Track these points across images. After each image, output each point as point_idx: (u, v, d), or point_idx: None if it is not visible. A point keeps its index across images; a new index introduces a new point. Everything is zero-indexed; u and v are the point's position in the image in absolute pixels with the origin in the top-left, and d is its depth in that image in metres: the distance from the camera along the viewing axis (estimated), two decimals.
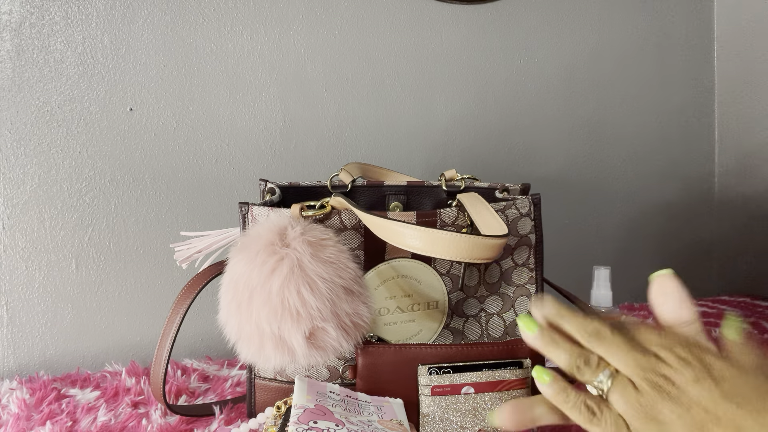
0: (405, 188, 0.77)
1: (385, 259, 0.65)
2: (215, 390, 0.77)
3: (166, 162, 0.96)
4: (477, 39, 1.15)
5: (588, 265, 1.21)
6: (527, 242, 0.69)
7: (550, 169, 1.22)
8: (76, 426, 0.65)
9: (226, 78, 0.99)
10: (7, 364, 0.89)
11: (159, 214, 0.96)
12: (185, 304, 0.65)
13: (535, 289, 0.70)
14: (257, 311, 0.54)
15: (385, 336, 0.65)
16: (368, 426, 0.51)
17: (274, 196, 0.70)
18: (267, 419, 0.58)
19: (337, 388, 0.58)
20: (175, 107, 0.96)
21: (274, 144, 1.02)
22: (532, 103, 1.20)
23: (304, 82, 1.04)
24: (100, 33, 0.92)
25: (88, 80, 0.91)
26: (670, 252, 1.35)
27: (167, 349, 0.65)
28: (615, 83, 1.28)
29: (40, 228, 0.90)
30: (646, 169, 1.32)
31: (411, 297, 0.66)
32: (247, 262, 0.56)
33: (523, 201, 0.69)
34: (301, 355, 0.55)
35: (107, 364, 0.88)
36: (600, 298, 0.84)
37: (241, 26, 0.99)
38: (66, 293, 0.91)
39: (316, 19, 1.04)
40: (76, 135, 0.91)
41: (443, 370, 0.59)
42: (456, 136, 1.14)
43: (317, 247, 0.56)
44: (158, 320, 0.96)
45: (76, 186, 0.91)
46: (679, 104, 1.34)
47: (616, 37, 1.27)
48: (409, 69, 1.11)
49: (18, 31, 0.88)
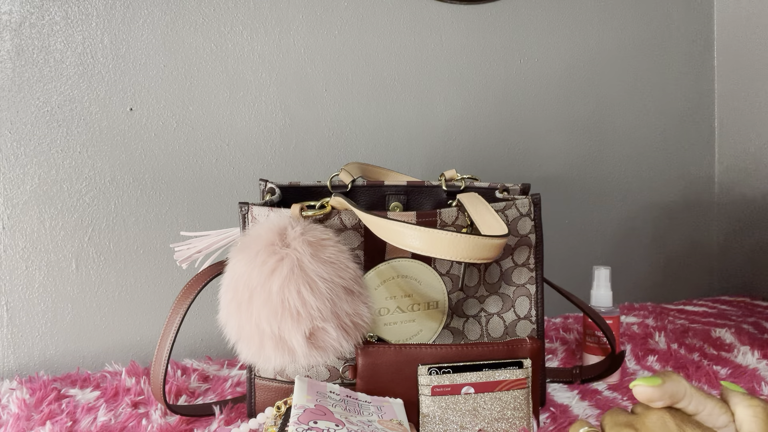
0: (405, 188, 0.77)
1: (385, 259, 0.65)
2: (215, 390, 0.77)
3: (166, 162, 0.96)
4: (477, 39, 1.16)
5: (588, 265, 1.21)
6: (527, 242, 0.69)
7: (550, 169, 1.23)
8: (76, 426, 0.65)
9: (226, 78, 0.99)
10: (7, 364, 0.89)
11: (159, 214, 0.96)
12: (185, 304, 0.65)
13: (535, 289, 0.70)
14: (257, 311, 0.54)
15: (385, 336, 0.65)
16: (368, 426, 0.51)
17: (274, 196, 0.70)
18: (267, 419, 0.58)
19: (337, 388, 0.58)
20: (175, 107, 0.96)
21: (274, 144, 1.02)
22: (532, 103, 1.20)
23: (304, 82, 1.04)
24: (100, 33, 0.92)
25: (88, 80, 0.91)
26: (670, 252, 1.35)
27: (167, 349, 0.65)
28: (615, 83, 1.28)
29: (40, 228, 0.90)
30: (646, 169, 1.32)
31: (411, 297, 0.66)
32: (247, 262, 0.56)
33: (523, 201, 0.69)
34: (301, 355, 0.55)
35: (107, 364, 0.88)
36: (600, 298, 0.84)
37: (241, 26, 0.99)
38: (66, 293, 0.91)
39: (316, 19, 1.04)
40: (76, 135, 0.91)
41: (443, 370, 0.59)
42: (456, 136, 1.14)
43: (317, 247, 0.56)
44: (158, 320, 0.96)
45: (76, 186, 0.91)
46: (679, 104, 1.34)
47: (616, 37, 1.27)
48: (409, 69, 1.11)
49: (18, 31, 0.88)
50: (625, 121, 1.29)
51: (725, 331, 0.99)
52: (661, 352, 0.89)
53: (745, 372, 0.80)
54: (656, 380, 0.43)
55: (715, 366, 0.83)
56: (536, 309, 0.70)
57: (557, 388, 0.76)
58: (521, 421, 0.59)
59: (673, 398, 0.43)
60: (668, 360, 0.86)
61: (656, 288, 1.34)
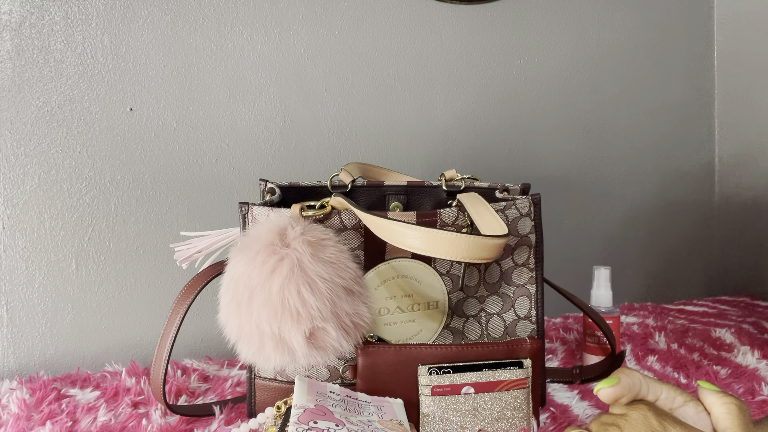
0: (405, 188, 0.77)
1: (385, 259, 0.65)
2: (215, 390, 0.77)
3: (166, 162, 0.96)
4: (477, 39, 1.16)
5: (588, 265, 1.21)
6: (527, 242, 0.69)
7: (550, 169, 1.23)
8: (76, 426, 0.65)
9: (226, 78, 0.99)
10: (7, 364, 0.89)
11: (159, 214, 0.96)
12: (185, 304, 0.65)
13: (535, 289, 0.70)
14: (257, 311, 0.54)
15: (385, 336, 0.65)
16: (368, 426, 0.51)
17: (274, 196, 0.70)
18: (267, 419, 0.58)
19: (337, 388, 0.58)
20: (175, 107, 0.96)
21: (274, 144, 1.02)
22: (532, 102, 1.20)
23: (304, 82, 1.04)
24: (100, 33, 0.92)
25: (88, 80, 0.91)
26: (670, 252, 1.35)
27: (167, 349, 0.65)
28: (614, 83, 1.28)
29: (40, 228, 0.90)
30: (645, 169, 1.32)
31: (411, 297, 0.66)
32: (247, 262, 0.56)
33: (523, 201, 0.69)
34: (301, 355, 0.55)
35: (107, 364, 0.88)
36: (600, 298, 0.84)
37: (241, 26, 0.99)
38: (66, 293, 0.91)
39: (316, 19, 1.04)
40: (76, 135, 0.91)
41: (443, 370, 0.59)
42: (456, 136, 1.14)
43: (317, 247, 0.56)
44: (158, 320, 0.96)
45: (76, 186, 0.91)
46: (679, 104, 1.34)
47: (615, 37, 1.27)
48: (409, 69, 1.11)
49: (18, 31, 0.88)
50: (625, 121, 1.29)
51: (725, 331, 0.99)
52: (661, 352, 0.89)
53: (745, 372, 0.80)
54: (613, 380, 0.47)
55: (715, 366, 0.83)
56: (536, 309, 0.70)
57: (557, 388, 0.76)
58: (521, 421, 0.59)
59: (633, 391, 0.47)
60: (668, 360, 0.86)
61: (656, 288, 1.34)
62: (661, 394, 0.48)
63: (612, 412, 0.48)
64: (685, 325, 1.04)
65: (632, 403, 0.47)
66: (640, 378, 0.48)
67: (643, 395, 0.47)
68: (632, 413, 0.45)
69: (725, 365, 0.83)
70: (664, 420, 0.44)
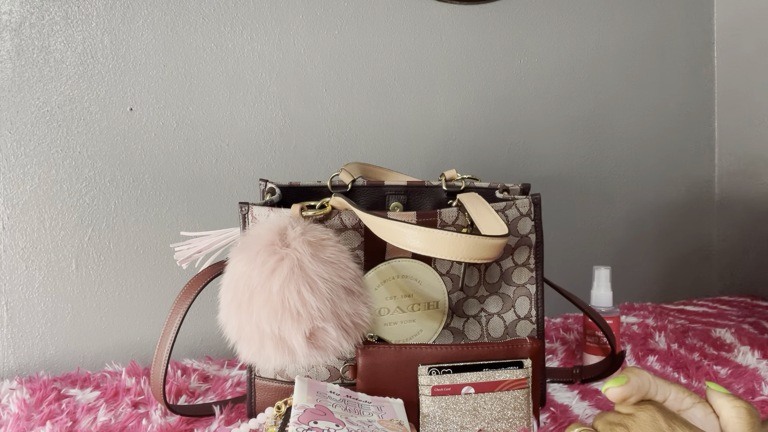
0: (405, 188, 0.77)
1: (385, 259, 0.65)
2: (215, 390, 0.77)
3: (166, 162, 0.96)
4: (477, 39, 1.16)
5: (588, 265, 1.21)
6: (527, 242, 0.69)
7: (550, 169, 1.23)
8: (76, 426, 0.65)
9: (226, 78, 0.99)
10: (7, 364, 0.88)
11: (159, 214, 0.96)
12: (185, 304, 0.65)
13: (535, 289, 0.70)
14: (257, 311, 0.54)
15: (385, 336, 0.65)
16: (368, 426, 0.51)
17: (274, 196, 0.70)
18: (267, 419, 0.58)
19: (338, 388, 0.58)
20: (175, 107, 0.96)
21: (274, 144, 1.02)
22: (532, 102, 1.20)
23: (304, 82, 1.04)
24: (100, 33, 0.92)
25: (88, 80, 0.91)
26: (670, 252, 1.35)
27: (167, 349, 0.65)
28: (615, 83, 1.28)
29: (40, 228, 0.90)
30: (646, 169, 1.32)
31: (411, 297, 0.66)
32: (248, 262, 0.56)
33: (523, 201, 0.69)
34: (302, 355, 0.55)
35: (107, 364, 0.88)
36: (600, 298, 0.84)
37: (241, 26, 0.99)
38: (66, 293, 0.91)
39: (316, 19, 1.04)
40: (76, 135, 0.91)
41: (443, 370, 0.59)
42: (456, 135, 1.14)
43: (317, 247, 0.56)
44: (158, 320, 0.96)
45: (76, 186, 0.91)
46: (679, 104, 1.34)
47: (616, 37, 1.27)
48: (409, 69, 1.11)
49: (18, 31, 0.88)
50: (625, 121, 1.29)
51: (725, 331, 0.99)
52: (661, 352, 0.89)
53: (745, 372, 0.80)
54: (622, 379, 0.46)
55: (715, 366, 0.83)
56: (536, 309, 0.70)
57: (557, 388, 0.76)
58: (521, 421, 0.59)
59: (642, 390, 0.46)
60: (668, 360, 0.86)
61: (656, 288, 1.34)
62: (670, 395, 0.47)
63: (618, 411, 0.48)
64: (685, 325, 1.04)
65: (640, 403, 0.46)
66: (649, 378, 0.47)
67: (652, 396, 0.47)
68: (640, 414, 0.45)
69: (725, 365, 0.83)
70: (673, 422, 0.43)
